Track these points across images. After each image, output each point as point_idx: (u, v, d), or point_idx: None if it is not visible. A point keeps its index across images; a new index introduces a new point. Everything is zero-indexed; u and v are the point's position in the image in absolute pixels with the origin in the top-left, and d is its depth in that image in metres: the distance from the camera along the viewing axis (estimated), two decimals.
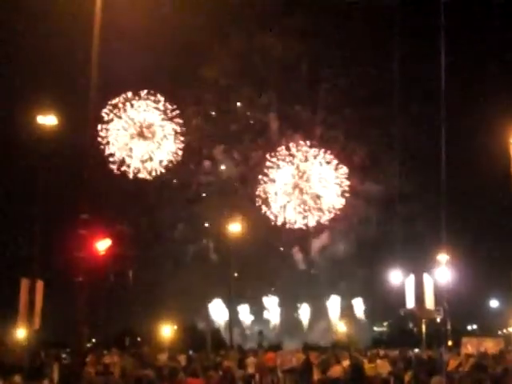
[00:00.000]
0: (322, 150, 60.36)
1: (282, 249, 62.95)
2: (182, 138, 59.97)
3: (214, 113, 61.61)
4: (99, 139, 54.33)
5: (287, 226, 60.42)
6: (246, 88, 59.84)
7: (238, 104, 62.02)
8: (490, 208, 51.22)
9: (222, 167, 63.11)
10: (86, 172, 14.57)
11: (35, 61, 46.18)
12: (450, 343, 38.43)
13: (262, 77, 59.17)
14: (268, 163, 60.32)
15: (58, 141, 29.90)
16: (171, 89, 58.77)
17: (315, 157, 60.29)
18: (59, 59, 44.71)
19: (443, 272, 37.19)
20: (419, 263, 37.93)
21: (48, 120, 23.48)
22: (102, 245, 12.98)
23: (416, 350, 32.73)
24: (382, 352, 29.50)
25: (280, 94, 60.76)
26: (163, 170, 59.54)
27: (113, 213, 55.87)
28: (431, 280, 28.30)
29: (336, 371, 18.48)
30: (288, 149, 60.37)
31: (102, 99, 55.42)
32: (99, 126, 54.22)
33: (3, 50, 45.84)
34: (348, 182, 60.02)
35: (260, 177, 60.36)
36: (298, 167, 60.48)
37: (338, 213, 60.20)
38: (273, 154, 60.29)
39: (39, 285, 18.57)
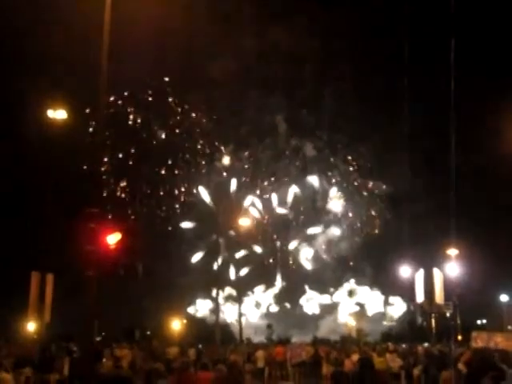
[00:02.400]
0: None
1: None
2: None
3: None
4: None
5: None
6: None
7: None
8: (500, 203, 51.00)
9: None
10: (96, 165, 14.62)
11: (46, 55, 46.22)
12: (459, 338, 38.35)
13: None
14: None
15: (69, 135, 30.02)
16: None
17: None
18: (70, 53, 44.73)
19: (453, 266, 37.08)
20: (429, 258, 37.84)
21: (58, 114, 23.56)
22: (113, 238, 12.99)
23: (425, 345, 32.65)
24: (391, 346, 29.45)
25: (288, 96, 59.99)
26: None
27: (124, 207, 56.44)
28: (441, 274, 28.24)
29: (346, 365, 18.48)
30: None
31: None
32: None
33: (12, 46, 45.96)
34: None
35: None
36: None
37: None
38: None
39: (49, 278, 18.65)
